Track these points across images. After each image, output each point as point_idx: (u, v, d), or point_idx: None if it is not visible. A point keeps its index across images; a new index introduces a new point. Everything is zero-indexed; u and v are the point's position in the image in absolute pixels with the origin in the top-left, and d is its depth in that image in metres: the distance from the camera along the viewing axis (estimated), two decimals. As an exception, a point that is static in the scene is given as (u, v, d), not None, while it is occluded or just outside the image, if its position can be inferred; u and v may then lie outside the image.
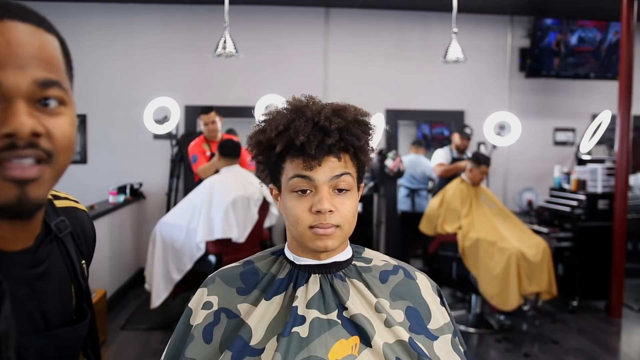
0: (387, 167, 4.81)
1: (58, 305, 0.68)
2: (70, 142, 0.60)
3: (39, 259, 0.65)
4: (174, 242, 3.41)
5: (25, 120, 0.54)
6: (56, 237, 0.70)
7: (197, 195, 3.50)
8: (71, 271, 0.71)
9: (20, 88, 0.55)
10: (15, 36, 0.55)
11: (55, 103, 0.58)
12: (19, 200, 0.56)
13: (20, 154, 0.55)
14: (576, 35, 5.28)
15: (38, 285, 0.64)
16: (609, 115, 4.81)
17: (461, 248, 3.74)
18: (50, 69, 0.58)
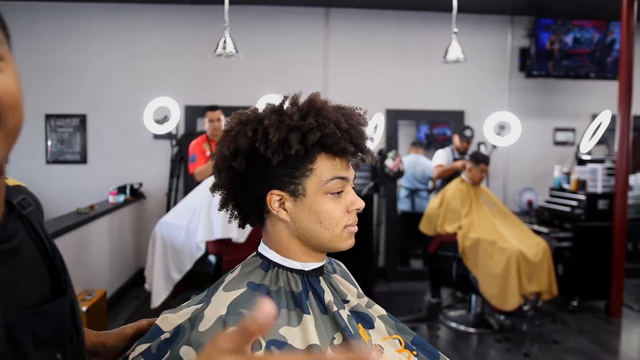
0: (387, 167, 4.81)
1: (35, 284, 0.65)
2: (16, 97, 0.56)
3: (8, 234, 0.63)
4: (174, 242, 3.41)
5: None
6: (20, 215, 0.67)
7: (197, 195, 3.50)
8: (42, 250, 0.69)
9: None
10: None
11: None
12: None
13: None
14: (571, 35, 5.28)
15: (12, 261, 0.62)
16: (609, 115, 4.81)
17: (461, 248, 3.74)
18: None
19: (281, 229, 0.88)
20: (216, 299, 0.81)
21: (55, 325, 0.66)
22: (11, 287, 0.61)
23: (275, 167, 0.83)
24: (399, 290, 4.96)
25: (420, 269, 5.38)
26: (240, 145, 0.83)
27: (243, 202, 0.89)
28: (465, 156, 4.60)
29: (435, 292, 4.31)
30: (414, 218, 4.78)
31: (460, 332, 3.81)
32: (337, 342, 0.82)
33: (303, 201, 0.85)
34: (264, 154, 0.82)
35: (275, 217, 0.87)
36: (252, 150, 0.84)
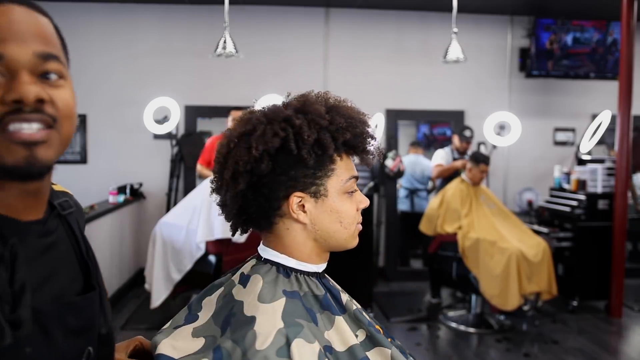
0: (387, 167, 4.81)
1: (68, 278, 0.72)
2: (72, 110, 0.65)
3: (48, 230, 0.70)
4: (174, 242, 3.40)
5: (30, 88, 0.60)
6: (60, 215, 0.74)
7: (197, 195, 3.50)
8: (76, 249, 0.75)
9: (22, 59, 0.60)
10: (14, 16, 0.62)
11: (55, 76, 0.64)
12: (27, 162, 0.61)
13: (26, 117, 0.60)
14: (571, 35, 5.28)
15: (50, 254, 0.69)
16: (609, 115, 4.80)
17: (461, 248, 3.74)
18: (48, 44, 0.64)
19: (297, 232, 0.85)
20: (260, 312, 0.76)
21: (85, 319, 0.71)
22: (46, 278, 0.67)
23: (298, 168, 0.82)
24: (399, 290, 4.96)
25: (420, 269, 5.38)
26: (271, 145, 0.80)
27: (253, 206, 0.85)
28: (465, 156, 4.61)
29: (435, 292, 4.31)
30: (413, 218, 4.78)
31: (460, 332, 3.81)
32: (360, 339, 0.83)
33: (325, 202, 0.84)
34: (297, 154, 0.81)
35: (290, 220, 0.84)
36: (276, 151, 0.81)
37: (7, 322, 0.57)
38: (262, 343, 0.72)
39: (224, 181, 0.83)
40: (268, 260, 0.86)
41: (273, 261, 0.85)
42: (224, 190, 0.85)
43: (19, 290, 0.59)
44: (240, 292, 0.81)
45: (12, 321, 0.58)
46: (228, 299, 0.81)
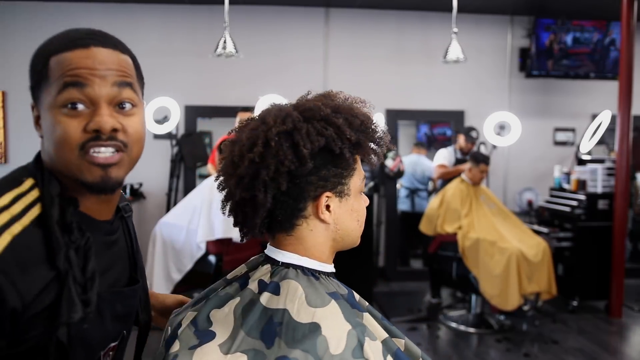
0: (387, 167, 4.81)
1: (121, 271, 0.87)
2: (140, 136, 0.80)
3: (113, 229, 0.86)
4: (174, 242, 3.40)
5: (108, 120, 0.73)
6: (122, 217, 0.91)
7: (197, 195, 3.50)
8: (129, 247, 0.91)
9: (103, 92, 0.74)
10: (99, 57, 0.75)
11: (130, 106, 0.77)
12: (103, 180, 0.75)
13: (102, 144, 0.74)
14: (571, 35, 5.28)
15: (112, 250, 0.84)
16: (609, 115, 4.80)
17: (461, 248, 3.74)
18: (125, 75, 0.77)
19: (319, 233, 0.84)
20: (320, 317, 0.74)
21: (129, 306, 0.86)
22: (106, 269, 0.81)
23: (329, 168, 0.81)
24: (399, 290, 4.96)
25: (420, 269, 5.38)
26: (317, 144, 0.79)
27: (280, 208, 0.82)
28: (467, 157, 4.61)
29: (435, 292, 4.31)
30: (414, 218, 4.78)
31: (460, 332, 3.82)
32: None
33: (347, 201, 0.85)
34: (338, 153, 0.80)
35: (315, 220, 0.83)
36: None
37: (80, 301, 0.70)
38: (337, 347, 0.71)
39: (261, 182, 0.78)
40: (289, 264, 0.82)
41: (296, 265, 0.82)
42: (261, 191, 0.79)
43: (90, 277, 0.72)
44: (275, 300, 0.77)
45: (82, 301, 0.70)
46: (258, 310, 0.76)
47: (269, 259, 0.85)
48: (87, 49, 0.74)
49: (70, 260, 0.70)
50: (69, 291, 0.69)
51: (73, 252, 0.71)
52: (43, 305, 0.69)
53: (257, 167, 0.78)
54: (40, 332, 0.69)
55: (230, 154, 0.82)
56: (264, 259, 0.86)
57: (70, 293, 0.69)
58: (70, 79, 0.73)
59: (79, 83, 0.73)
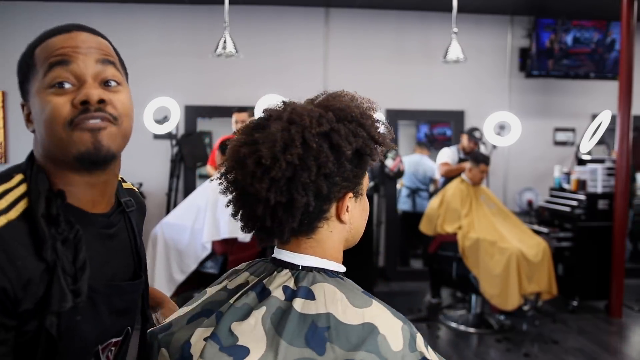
0: (387, 167, 4.81)
1: (122, 266, 0.86)
2: (128, 109, 0.81)
3: (111, 223, 0.84)
4: (177, 242, 3.38)
5: (94, 91, 0.75)
6: (124, 211, 0.89)
7: (200, 195, 3.49)
8: (133, 242, 0.90)
9: (88, 67, 0.76)
10: (80, 37, 0.78)
11: (114, 83, 0.79)
12: (94, 147, 0.75)
13: (92, 115, 0.75)
14: (571, 35, 5.28)
15: (109, 243, 0.83)
16: (609, 115, 4.80)
17: (461, 248, 3.74)
18: (107, 54, 0.79)
19: (337, 234, 0.83)
20: (371, 317, 0.73)
21: (128, 301, 0.86)
22: (104, 263, 0.81)
23: (352, 168, 0.80)
24: (399, 290, 4.96)
25: (420, 269, 5.38)
26: (355, 145, 0.78)
27: (308, 211, 0.78)
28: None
29: (435, 292, 4.31)
30: (414, 218, 4.78)
31: (460, 332, 3.81)
32: None
33: (361, 200, 0.86)
34: (368, 155, 0.81)
35: (334, 222, 0.82)
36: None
37: (70, 291, 0.70)
38: (397, 344, 0.71)
39: (300, 184, 0.75)
40: (312, 268, 0.80)
41: (319, 268, 0.80)
42: (300, 194, 0.75)
43: (80, 267, 0.73)
44: (311, 305, 0.74)
45: (72, 291, 0.71)
46: (295, 317, 0.72)
47: (284, 263, 0.81)
48: (69, 33, 0.78)
49: (57, 252, 0.71)
50: (58, 281, 0.70)
51: (60, 244, 0.72)
52: (36, 298, 0.70)
53: (295, 169, 0.74)
54: (35, 327, 0.70)
55: (253, 156, 0.75)
56: (277, 264, 0.82)
57: (59, 283, 0.70)
58: (55, 59, 0.75)
59: (64, 61, 0.75)
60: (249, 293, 0.78)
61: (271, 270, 0.81)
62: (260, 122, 0.81)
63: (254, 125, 0.81)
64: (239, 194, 0.80)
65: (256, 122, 0.82)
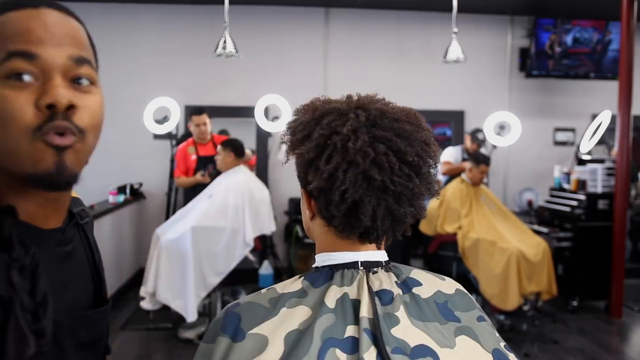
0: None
1: (82, 290, 0.72)
2: (98, 122, 0.67)
3: (67, 238, 0.70)
4: (212, 245, 3.32)
5: (64, 92, 0.60)
6: (77, 224, 0.74)
7: (231, 194, 3.42)
8: (90, 259, 0.76)
9: (57, 62, 0.61)
10: (50, 19, 0.62)
11: (87, 82, 0.64)
12: (57, 168, 0.60)
13: (58, 124, 0.60)
14: (571, 35, 5.28)
15: (67, 264, 0.69)
16: (609, 115, 4.80)
17: (461, 248, 3.74)
18: (82, 48, 0.65)
19: None
20: (452, 284, 0.84)
21: (95, 332, 0.71)
22: (63, 288, 0.67)
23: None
24: (399, 290, 4.95)
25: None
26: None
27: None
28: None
29: (435, 292, 4.30)
30: (414, 218, 4.78)
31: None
32: None
33: None
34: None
35: None
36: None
37: (32, 332, 0.56)
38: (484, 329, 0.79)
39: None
40: (388, 261, 0.83)
41: (389, 261, 0.84)
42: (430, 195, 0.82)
43: (41, 301, 0.58)
44: (423, 289, 0.79)
45: (34, 331, 0.57)
46: (423, 303, 0.76)
47: (372, 263, 0.78)
48: (36, 9, 0.61)
49: (13, 283, 0.56)
50: (16, 322, 0.55)
51: (16, 272, 0.57)
52: None
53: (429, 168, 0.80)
54: None
55: (395, 153, 0.74)
56: (364, 266, 0.77)
57: (17, 324, 0.55)
58: (16, 48, 0.59)
59: (28, 54, 0.59)
60: (373, 300, 0.73)
61: (365, 273, 0.76)
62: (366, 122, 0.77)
63: (364, 124, 0.76)
64: (367, 193, 0.73)
65: (365, 121, 0.76)
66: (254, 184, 3.56)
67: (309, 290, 0.74)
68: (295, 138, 0.78)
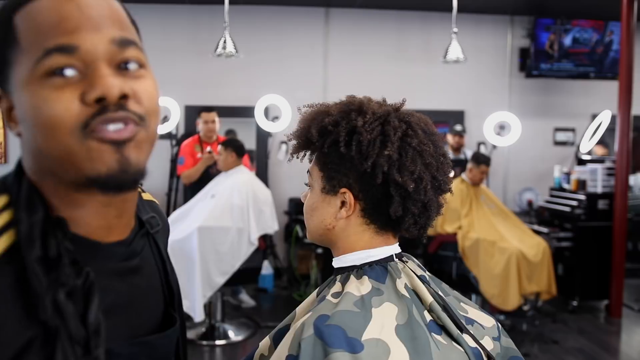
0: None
1: (149, 309, 0.63)
2: (157, 104, 0.58)
3: (133, 251, 0.61)
4: (218, 245, 3.31)
5: (113, 82, 0.52)
6: (148, 233, 0.66)
7: (235, 194, 3.42)
8: (162, 271, 0.67)
9: (99, 49, 0.52)
10: (85, 1, 0.54)
11: (136, 66, 0.56)
12: (121, 166, 0.53)
13: (112, 116, 0.52)
14: (571, 35, 5.28)
15: (133, 280, 0.60)
16: (609, 115, 4.80)
17: (461, 248, 3.74)
18: (124, 28, 0.57)
19: None
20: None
21: (158, 358, 0.62)
22: (125, 309, 0.59)
23: None
24: (399, 290, 4.95)
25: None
26: None
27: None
28: (460, 154, 4.63)
29: (435, 292, 4.30)
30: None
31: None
32: None
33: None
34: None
35: None
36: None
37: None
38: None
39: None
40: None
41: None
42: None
43: (94, 330, 0.51)
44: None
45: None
46: (443, 284, 0.88)
47: (399, 255, 0.87)
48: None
49: (60, 310, 0.49)
50: (64, 353, 0.49)
51: (64, 297, 0.50)
52: None
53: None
54: None
55: (444, 152, 0.84)
56: (398, 257, 0.86)
57: (65, 356, 0.49)
58: (54, 43, 0.51)
59: (68, 47, 0.51)
60: (427, 285, 0.81)
61: (402, 266, 0.84)
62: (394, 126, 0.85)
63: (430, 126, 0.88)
64: (425, 191, 0.80)
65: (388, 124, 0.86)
66: (256, 184, 3.59)
67: (380, 287, 0.76)
68: (365, 139, 0.78)
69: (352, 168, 0.79)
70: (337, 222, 0.82)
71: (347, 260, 0.81)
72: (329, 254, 0.90)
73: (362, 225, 0.81)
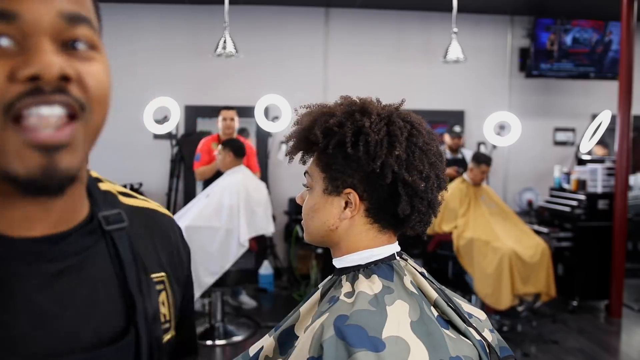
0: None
1: (99, 317, 0.53)
2: (105, 93, 0.50)
3: (62, 251, 0.51)
4: (207, 245, 3.30)
5: (53, 60, 0.44)
6: (104, 232, 0.56)
7: (226, 195, 3.41)
8: (120, 277, 0.56)
9: (43, 21, 0.45)
10: None
11: (85, 46, 0.49)
12: (44, 173, 0.44)
13: (47, 99, 0.44)
14: (570, 35, 5.28)
15: (57, 286, 0.50)
16: (609, 115, 4.80)
17: (456, 247, 3.74)
18: (79, 2, 0.48)
19: None
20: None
21: None
22: (50, 319, 0.49)
23: None
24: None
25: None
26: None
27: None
28: (458, 154, 4.63)
29: (435, 292, 4.30)
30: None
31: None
32: None
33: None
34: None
35: None
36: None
37: None
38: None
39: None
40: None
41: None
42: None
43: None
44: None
45: None
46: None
47: (399, 252, 0.87)
48: None
49: None
50: None
51: None
52: None
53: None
54: None
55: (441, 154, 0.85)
56: (400, 256, 0.87)
57: None
58: None
59: (6, 14, 0.43)
60: (429, 281, 0.86)
61: (404, 263, 0.86)
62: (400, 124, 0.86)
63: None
64: (431, 190, 0.83)
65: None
66: (251, 184, 3.52)
67: (390, 285, 0.77)
68: (372, 139, 0.78)
69: (357, 168, 0.78)
70: (340, 223, 0.81)
71: (351, 260, 0.81)
72: (329, 254, 0.90)
73: (366, 224, 0.82)
